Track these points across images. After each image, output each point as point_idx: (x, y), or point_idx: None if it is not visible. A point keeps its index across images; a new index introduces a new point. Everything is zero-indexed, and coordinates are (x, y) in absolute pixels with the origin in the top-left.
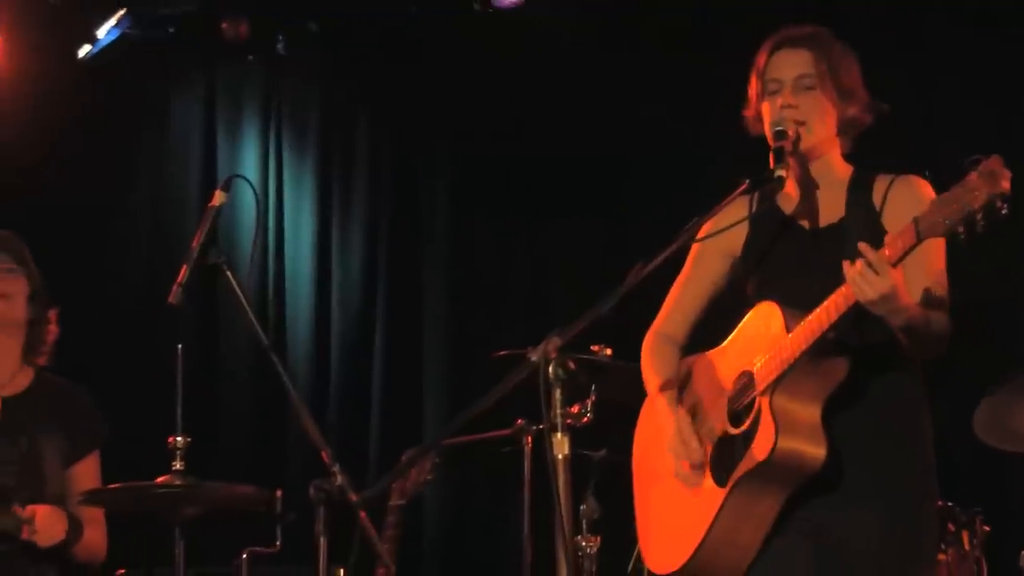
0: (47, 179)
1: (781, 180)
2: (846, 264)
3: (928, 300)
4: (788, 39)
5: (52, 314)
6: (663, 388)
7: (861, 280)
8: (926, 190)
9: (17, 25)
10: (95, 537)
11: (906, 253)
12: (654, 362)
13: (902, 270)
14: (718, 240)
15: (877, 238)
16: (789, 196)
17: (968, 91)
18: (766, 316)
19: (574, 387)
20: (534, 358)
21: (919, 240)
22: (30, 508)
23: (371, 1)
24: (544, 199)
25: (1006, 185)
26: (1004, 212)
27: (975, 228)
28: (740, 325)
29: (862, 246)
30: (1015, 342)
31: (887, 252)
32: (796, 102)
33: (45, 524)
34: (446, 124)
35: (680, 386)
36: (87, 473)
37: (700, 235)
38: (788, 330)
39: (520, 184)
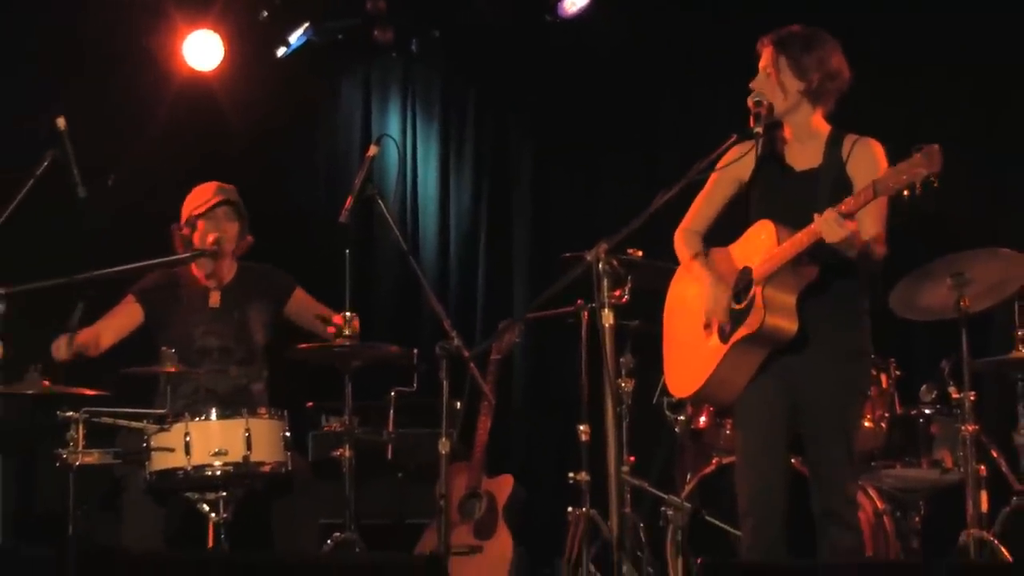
0: (258, 142)
1: (758, 135)
2: (816, 215)
3: (873, 236)
4: (760, 41)
5: (249, 237)
6: (695, 257)
7: (827, 227)
8: (878, 150)
9: (235, 34)
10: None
11: (864, 204)
12: (686, 242)
13: (857, 220)
14: (732, 169)
15: (842, 182)
16: (785, 143)
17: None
18: (764, 230)
19: (616, 278)
20: (589, 258)
21: (875, 197)
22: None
23: (475, 16)
24: (601, 154)
25: (938, 168)
26: (936, 185)
27: (915, 192)
28: (744, 234)
29: (829, 210)
30: (917, 243)
31: (851, 203)
32: (757, 85)
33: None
34: (530, 98)
35: None
36: (302, 300)
37: (719, 166)
38: (779, 242)
39: (582, 141)
